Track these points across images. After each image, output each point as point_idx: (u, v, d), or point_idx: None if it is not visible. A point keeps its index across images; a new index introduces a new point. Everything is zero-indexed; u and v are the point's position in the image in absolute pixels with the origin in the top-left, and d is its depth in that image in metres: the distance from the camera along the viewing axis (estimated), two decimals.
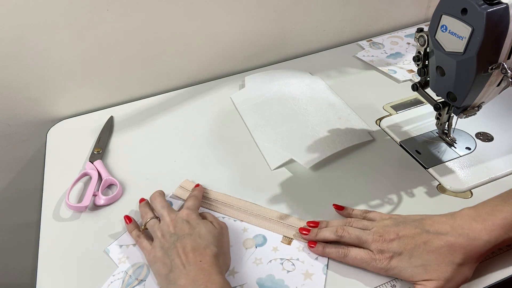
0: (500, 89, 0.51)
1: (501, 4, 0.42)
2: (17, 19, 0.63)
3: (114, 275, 0.49)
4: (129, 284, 0.47)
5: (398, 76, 0.78)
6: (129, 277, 0.48)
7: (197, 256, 0.44)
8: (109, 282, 0.48)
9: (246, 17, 0.78)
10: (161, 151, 0.66)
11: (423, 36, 0.53)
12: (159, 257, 0.46)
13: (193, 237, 0.46)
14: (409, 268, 0.43)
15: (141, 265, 0.49)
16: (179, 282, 0.42)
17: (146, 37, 0.73)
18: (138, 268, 0.49)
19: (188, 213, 0.50)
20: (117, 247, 0.52)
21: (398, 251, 0.43)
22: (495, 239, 0.42)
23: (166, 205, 0.52)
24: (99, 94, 0.76)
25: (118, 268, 0.49)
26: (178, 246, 0.45)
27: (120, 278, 0.48)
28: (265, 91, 0.75)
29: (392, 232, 0.45)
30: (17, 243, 0.92)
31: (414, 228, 0.44)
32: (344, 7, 0.85)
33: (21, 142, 0.77)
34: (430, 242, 0.43)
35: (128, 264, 0.50)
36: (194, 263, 0.43)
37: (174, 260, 0.44)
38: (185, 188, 0.59)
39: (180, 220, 0.49)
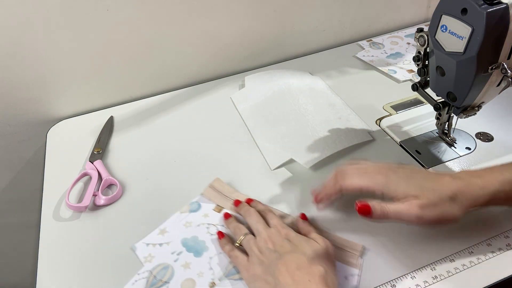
0: (500, 89, 0.51)
1: (501, 4, 0.42)
2: (17, 19, 0.63)
3: (139, 273, 0.48)
4: (153, 284, 0.47)
5: (398, 76, 0.78)
6: (154, 278, 0.47)
7: (304, 275, 0.41)
8: (133, 280, 0.47)
9: (246, 17, 0.78)
10: (161, 151, 0.66)
11: (423, 36, 0.53)
12: (260, 274, 0.44)
13: (297, 255, 0.43)
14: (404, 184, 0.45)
15: (166, 266, 0.48)
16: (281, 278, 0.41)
17: (146, 37, 0.73)
18: (163, 269, 0.48)
19: (286, 232, 0.47)
20: (144, 245, 0.51)
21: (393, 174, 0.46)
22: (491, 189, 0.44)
23: (261, 221, 0.49)
24: (99, 94, 0.76)
25: (143, 267, 0.48)
26: (281, 264, 0.43)
27: (144, 277, 0.47)
28: (265, 91, 0.75)
29: None
30: (17, 243, 0.92)
31: None
32: (344, 7, 0.85)
33: (21, 142, 0.77)
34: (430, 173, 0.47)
35: (153, 263, 0.49)
36: (302, 282, 0.41)
37: (278, 278, 0.42)
38: (216, 188, 0.57)
39: (279, 237, 0.46)
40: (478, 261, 0.47)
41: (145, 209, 0.57)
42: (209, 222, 0.53)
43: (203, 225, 0.53)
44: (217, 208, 0.55)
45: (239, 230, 0.50)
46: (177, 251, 0.50)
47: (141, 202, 0.58)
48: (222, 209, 0.55)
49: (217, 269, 0.48)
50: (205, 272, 0.47)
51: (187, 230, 0.52)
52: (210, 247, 0.50)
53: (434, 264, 0.47)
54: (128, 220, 0.56)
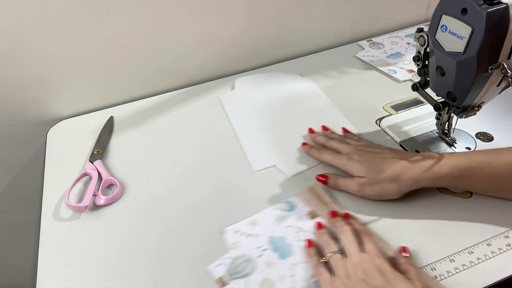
0: (500, 89, 0.51)
1: (501, 4, 0.42)
2: (17, 19, 0.63)
3: (223, 258, 0.48)
4: (234, 273, 0.46)
5: (398, 76, 0.78)
6: (235, 267, 0.47)
7: None
8: (217, 263, 0.48)
9: (246, 17, 0.78)
10: (161, 151, 0.66)
11: (423, 36, 0.53)
12: None
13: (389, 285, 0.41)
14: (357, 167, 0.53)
15: (249, 259, 0.48)
16: None
17: (146, 37, 0.73)
18: (245, 261, 0.47)
19: (381, 263, 0.43)
20: (233, 232, 0.51)
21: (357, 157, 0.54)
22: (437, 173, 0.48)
23: (356, 242, 0.46)
24: (99, 94, 0.76)
25: (228, 253, 0.49)
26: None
27: (227, 264, 0.48)
28: (254, 95, 0.76)
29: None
30: (17, 243, 0.92)
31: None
32: (344, 7, 0.85)
33: (21, 142, 0.77)
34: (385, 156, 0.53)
35: (238, 252, 0.48)
36: None
37: None
38: (315, 193, 0.55)
39: (371, 266, 0.43)
40: (478, 261, 0.47)
41: (145, 209, 0.57)
42: (300, 227, 0.51)
43: (293, 228, 0.51)
44: (310, 214, 0.53)
45: (329, 245, 0.47)
46: (262, 247, 0.49)
47: (141, 202, 0.58)
48: (316, 217, 0.52)
49: (299, 278, 0.46)
50: (285, 278, 0.46)
51: (276, 228, 0.51)
52: (296, 253, 0.48)
53: (434, 264, 0.47)
54: (128, 220, 0.56)
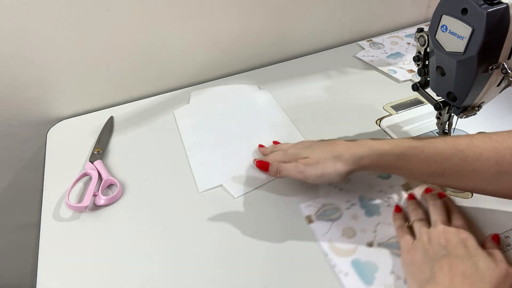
0: (500, 89, 0.51)
1: (501, 4, 0.42)
2: (17, 19, 0.63)
3: (314, 200, 0.54)
4: (321, 216, 0.52)
5: (398, 76, 0.78)
6: (324, 211, 0.53)
7: (466, 285, 0.39)
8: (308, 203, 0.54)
9: (246, 17, 0.78)
10: (161, 151, 0.66)
11: (423, 36, 0.53)
12: (418, 261, 0.43)
13: (468, 264, 0.41)
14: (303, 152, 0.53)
15: (338, 208, 0.53)
16: (439, 275, 0.40)
17: (146, 37, 0.73)
18: (333, 209, 0.53)
19: (466, 237, 0.44)
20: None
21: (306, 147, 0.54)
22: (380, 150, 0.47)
23: (445, 216, 0.48)
24: (99, 94, 0.76)
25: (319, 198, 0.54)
26: (445, 262, 0.41)
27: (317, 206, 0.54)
28: (208, 109, 0.74)
29: None
30: (17, 243, 0.92)
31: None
32: (344, 7, 0.85)
33: (21, 142, 0.77)
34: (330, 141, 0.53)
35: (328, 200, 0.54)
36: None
37: (436, 274, 0.41)
38: None
39: (455, 238, 0.44)
40: None
41: (145, 209, 0.57)
42: (391, 194, 0.54)
43: (385, 194, 0.55)
44: (404, 186, 0.55)
45: (417, 213, 0.50)
46: (351, 202, 0.54)
47: (141, 202, 0.58)
48: (410, 189, 0.55)
49: (380, 235, 0.49)
50: (368, 231, 0.50)
51: (368, 190, 0.55)
52: (382, 215, 0.52)
53: None
54: (128, 220, 0.56)
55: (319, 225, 0.51)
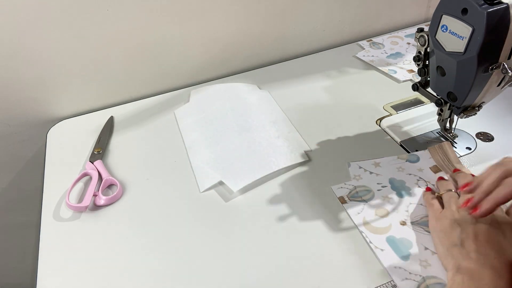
0: (500, 89, 0.51)
1: (501, 4, 0.42)
2: (17, 19, 0.63)
3: (346, 183, 0.56)
4: (353, 196, 0.54)
5: (398, 76, 0.78)
6: (356, 192, 0.55)
7: (492, 250, 0.41)
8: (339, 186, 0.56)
9: (246, 17, 0.78)
10: (161, 151, 0.66)
11: (423, 36, 0.53)
12: (446, 226, 0.45)
13: (495, 232, 0.42)
14: None
15: (369, 190, 0.55)
16: (463, 263, 0.41)
17: (146, 37, 0.73)
18: (365, 190, 0.55)
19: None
20: (357, 167, 0.58)
21: None
22: None
23: None
24: (99, 94, 0.76)
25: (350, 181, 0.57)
26: (472, 228, 0.43)
27: (349, 188, 0.55)
28: (207, 107, 0.73)
29: None
30: (17, 243, 0.92)
31: None
32: (344, 7, 0.85)
33: (21, 142, 0.76)
34: None
35: (359, 183, 0.56)
36: (486, 255, 0.40)
37: (464, 240, 0.42)
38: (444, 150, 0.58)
39: None
40: None
41: (145, 209, 0.57)
42: (421, 176, 0.56)
43: (415, 176, 0.57)
44: (434, 167, 0.57)
45: (446, 184, 0.51)
46: (382, 184, 0.56)
47: (141, 202, 0.58)
48: (439, 171, 0.57)
49: (413, 215, 0.51)
50: (400, 211, 0.52)
51: (398, 173, 0.57)
52: (413, 195, 0.54)
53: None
54: (128, 220, 0.56)
55: (352, 205, 0.53)
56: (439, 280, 0.44)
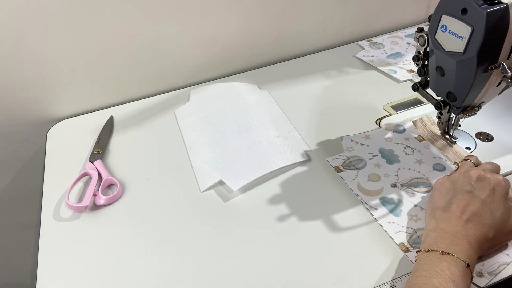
0: (500, 89, 0.51)
1: (501, 4, 0.42)
2: (17, 19, 0.63)
3: (340, 155, 0.61)
4: (348, 166, 0.59)
5: (398, 76, 0.78)
6: (349, 162, 0.60)
7: (472, 222, 0.43)
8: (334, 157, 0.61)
9: (245, 17, 0.78)
10: (161, 151, 0.66)
11: (423, 36, 0.53)
12: (444, 188, 0.48)
13: (485, 206, 0.45)
14: None
15: (362, 159, 0.60)
16: (441, 225, 0.44)
17: (146, 37, 0.73)
18: (358, 160, 0.60)
19: (500, 183, 0.47)
20: (349, 140, 0.64)
21: None
22: None
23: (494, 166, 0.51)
24: (99, 94, 0.76)
25: (343, 152, 0.62)
26: (464, 198, 0.45)
27: (343, 159, 0.61)
28: (207, 106, 0.73)
29: None
30: (17, 243, 0.92)
31: None
32: (344, 7, 0.85)
33: (21, 142, 0.77)
34: None
35: (352, 154, 0.61)
36: (464, 224, 0.43)
37: (453, 204, 0.45)
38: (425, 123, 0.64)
39: (489, 180, 0.47)
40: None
41: (145, 209, 0.57)
42: (408, 144, 0.62)
43: (402, 145, 0.62)
44: (418, 137, 0.63)
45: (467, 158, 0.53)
46: (373, 153, 0.61)
47: (141, 202, 0.58)
48: (423, 140, 0.62)
49: (402, 178, 0.57)
50: (391, 176, 0.58)
51: (386, 143, 0.63)
52: (402, 162, 0.59)
53: None
54: (128, 220, 0.56)
55: (347, 173, 0.58)
56: None
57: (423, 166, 0.58)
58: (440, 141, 0.61)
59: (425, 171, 0.58)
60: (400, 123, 0.66)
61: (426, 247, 0.43)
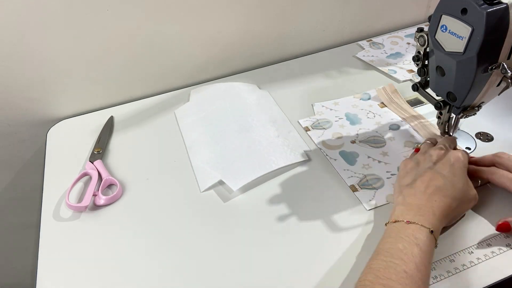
0: (500, 89, 0.51)
1: (501, 4, 0.42)
2: (17, 19, 0.63)
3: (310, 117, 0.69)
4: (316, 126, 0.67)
5: (398, 76, 0.78)
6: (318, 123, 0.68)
7: (436, 195, 0.46)
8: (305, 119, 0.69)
9: (246, 17, 0.78)
10: (161, 151, 0.66)
11: (423, 36, 0.53)
12: (408, 168, 0.52)
13: (447, 181, 0.48)
14: None
15: (328, 121, 0.68)
16: (408, 199, 0.47)
17: (146, 37, 0.73)
18: (325, 121, 0.68)
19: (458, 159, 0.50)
20: (320, 105, 0.72)
21: None
22: None
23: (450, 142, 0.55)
24: (99, 94, 0.76)
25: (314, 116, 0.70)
26: (428, 174, 0.49)
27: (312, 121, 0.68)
28: (207, 106, 0.73)
29: None
30: (17, 243, 0.92)
31: None
32: (344, 7, 0.85)
33: (21, 142, 0.77)
34: None
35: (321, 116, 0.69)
36: (428, 197, 0.46)
37: (417, 180, 0.49)
38: (388, 91, 0.72)
39: (448, 157, 0.51)
40: (478, 261, 0.47)
41: (145, 209, 0.57)
42: (371, 110, 0.70)
43: (366, 110, 0.70)
44: (381, 104, 0.71)
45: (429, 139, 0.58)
46: (339, 116, 0.69)
47: (141, 202, 0.58)
48: (385, 107, 0.70)
49: (361, 136, 0.65)
50: (351, 134, 0.65)
51: (352, 108, 0.71)
52: (363, 124, 0.67)
53: (434, 264, 0.47)
54: (128, 220, 0.56)
55: (314, 132, 0.66)
56: (376, 176, 0.58)
57: (381, 127, 0.66)
58: (399, 106, 0.69)
59: (382, 131, 0.65)
60: (366, 91, 0.74)
61: (394, 219, 0.46)
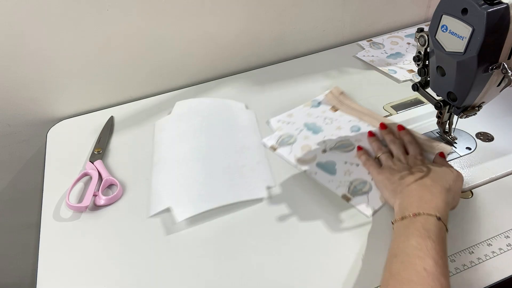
0: (500, 89, 0.51)
1: (501, 4, 0.42)
2: (17, 19, 0.63)
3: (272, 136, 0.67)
4: (282, 143, 0.65)
5: (398, 76, 0.78)
6: (282, 140, 0.66)
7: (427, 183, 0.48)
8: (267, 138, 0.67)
9: (246, 17, 0.78)
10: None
11: (423, 36, 0.53)
12: (387, 175, 0.53)
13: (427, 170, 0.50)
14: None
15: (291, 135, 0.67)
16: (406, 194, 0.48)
17: (146, 37, 0.73)
18: (288, 137, 0.66)
19: (422, 159, 0.55)
20: (276, 121, 0.70)
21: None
22: None
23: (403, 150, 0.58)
24: (99, 94, 0.76)
25: (275, 133, 0.67)
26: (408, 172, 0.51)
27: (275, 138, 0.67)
28: (185, 122, 0.70)
29: None
30: (17, 243, 0.92)
31: None
32: (344, 7, 0.85)
33: (21, 142, 0.77)
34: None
35: (282, 132, 0.68)
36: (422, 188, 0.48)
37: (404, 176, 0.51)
38: (334, 94, 0.74)
39: (413, 158, 0.55)
40: (478, 261, 0.47)
41: (145, 209, 0.57)
42: (326, 116, 0.70)
43: (321, 117, 0.70)
44: (332, 108, 0.71)
45: (379, 149, 0.60)
46: (300, 128, 0.68)
47: (141, 202, 0.58)
48: (337, 110, 0.71)
49: (329, 144, 0.65)
50: (319, 143, 0.65)
51: (308, 118, 0.70)
52: (325, 130, 0.67)
53: None
54: (128, 220, 0.56)
55: (282, 150, 0.65)
56: (361, 180, 0.58)
57: (343, 131, 0.67)
58: (350, 107, 0.71)
59: (346, 134, 0.66)
60: (315, 98, 0.74)
61: (400, 216, 0.46)
